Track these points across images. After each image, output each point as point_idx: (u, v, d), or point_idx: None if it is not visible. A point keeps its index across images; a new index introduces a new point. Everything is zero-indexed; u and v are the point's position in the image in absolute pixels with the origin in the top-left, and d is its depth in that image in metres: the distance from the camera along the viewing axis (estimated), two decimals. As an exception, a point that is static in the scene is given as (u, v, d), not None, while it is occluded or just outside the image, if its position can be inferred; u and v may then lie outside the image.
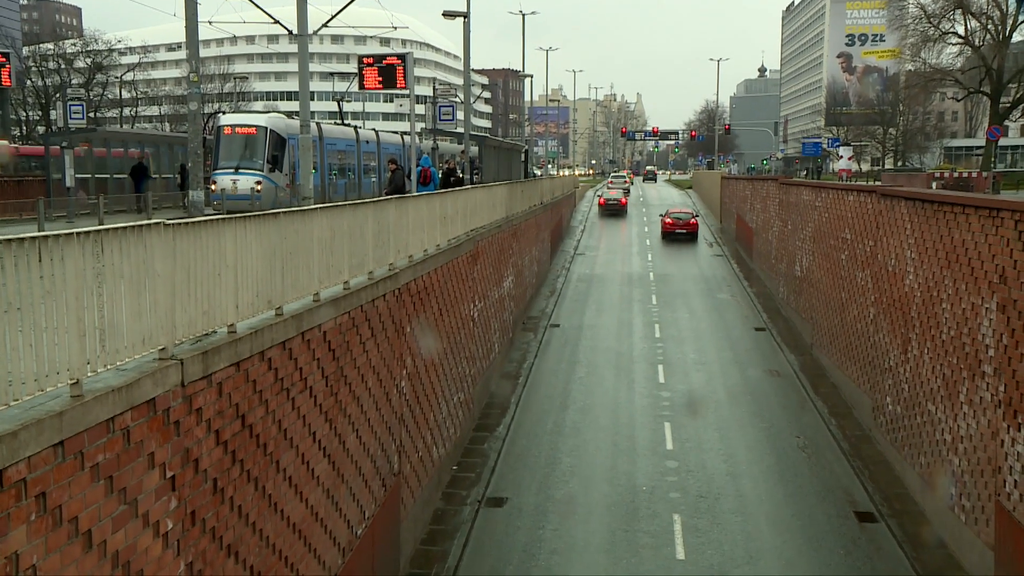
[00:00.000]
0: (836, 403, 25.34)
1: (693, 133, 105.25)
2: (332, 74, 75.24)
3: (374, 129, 46.11)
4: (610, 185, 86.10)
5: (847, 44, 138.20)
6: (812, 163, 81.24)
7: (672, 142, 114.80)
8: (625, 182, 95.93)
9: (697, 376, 28.90)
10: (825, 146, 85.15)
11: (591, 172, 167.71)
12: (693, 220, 59.07)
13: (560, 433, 23.64)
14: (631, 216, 71.98)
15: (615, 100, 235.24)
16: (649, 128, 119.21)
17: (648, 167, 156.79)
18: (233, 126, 31.36)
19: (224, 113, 39.89)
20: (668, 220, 58.85)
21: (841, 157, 65.09)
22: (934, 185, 42.22)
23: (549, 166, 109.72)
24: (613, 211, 72.75)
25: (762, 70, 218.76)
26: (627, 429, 23.95)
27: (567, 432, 23.72)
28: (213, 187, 29.34)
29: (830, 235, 28.16)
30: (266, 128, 30.73)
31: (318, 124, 35.67)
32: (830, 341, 27.73)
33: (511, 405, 25.65)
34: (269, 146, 30.39)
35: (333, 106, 51.13)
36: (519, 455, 22.04)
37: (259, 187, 29.52)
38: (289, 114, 36.24)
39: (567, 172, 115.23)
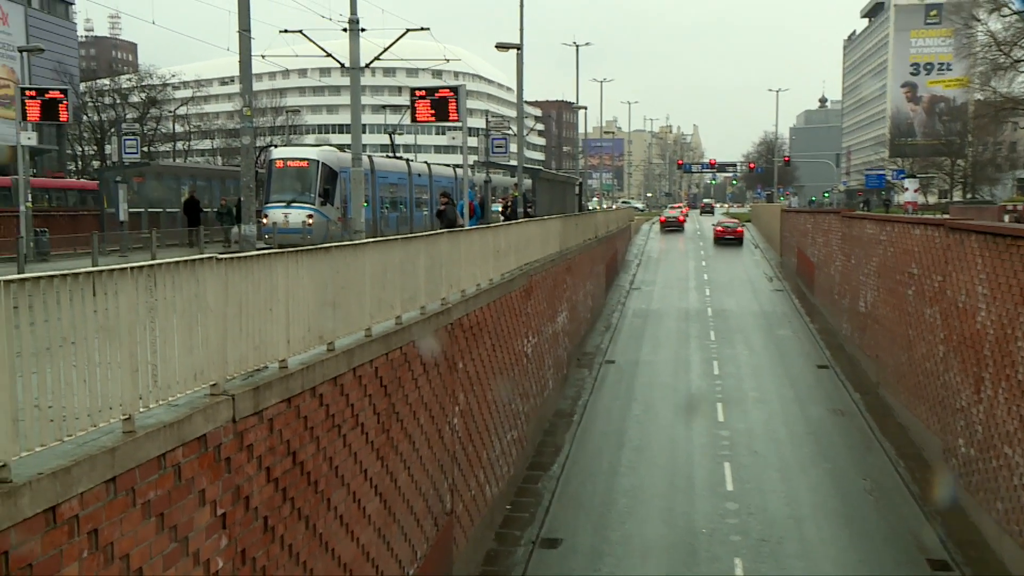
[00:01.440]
0: (904, 444, 24.81)
1: (752, 165, 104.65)
2: (384, 107, 76.20)
3: (426, 162, 46.51)
4: (668, 213, 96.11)
5: (912, 73, 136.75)
6: (876, 195, 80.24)
7: (730, 174, 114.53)
8: (680, 218, 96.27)
9: (757, 414, 28.52)
10: (889, 178, 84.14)
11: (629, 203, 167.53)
12: (739, 229, 75.40)
13: (616, 472, 23.43)
14: (688, 250, 71.68)
15: (671, 131, 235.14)
16: (706, 160, 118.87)
17: (705, 200, 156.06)
18: (285, 159, 31.84)
19: (276, 147, 40.59)
20: (719, 228, 75.86)
21: (907, 189, 64.23)
22: (1006, 218, 41.47)
23: (610, 201, 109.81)
24: (672, 227, 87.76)
25: (823, 100, 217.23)
26: (685, 468, 23.67)
27: (623, 471, 23.50)
28: (264, 221, 29.75)
29: (896, 270, 27.74)
30: (318, 161, 31.15)
31: (370, 157, 36.09)
32: (897, 380, 27.22)
33: (565, 443, 25.49)
34: (321, 179, 30.78)
35: (385, 139, 51.74)
36: (574, 494, 21.87)
37: (311, 221, 29.88)
38: (341, 147, 36.72)
39: (621, 205, 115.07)
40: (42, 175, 53.74)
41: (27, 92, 27.49)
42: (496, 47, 33.08)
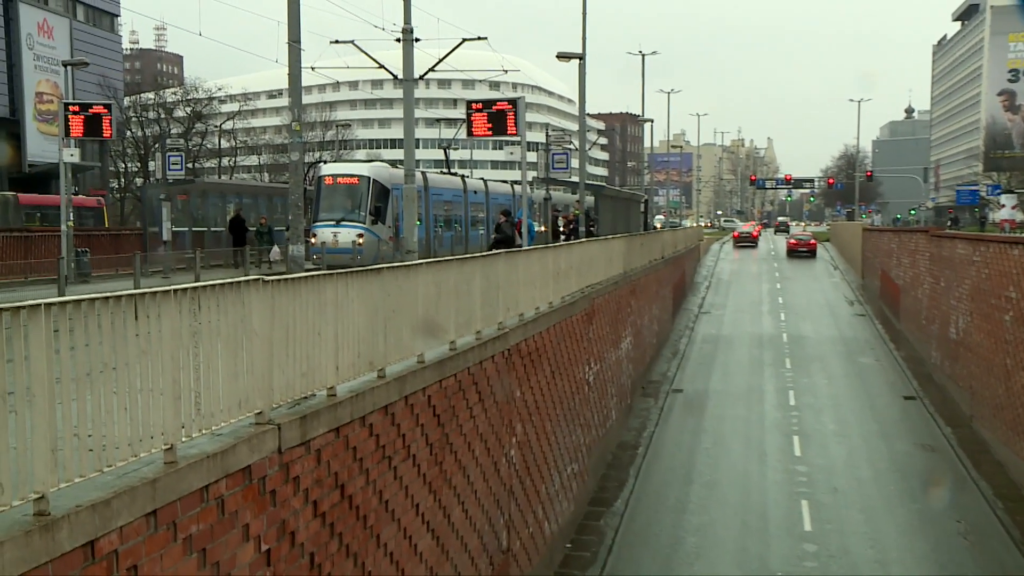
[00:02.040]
0: (1002, 483, 24.21)
1: (831, 181, 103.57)
2: (438, 120, 76.76)
3: (482, 178, 46.72)
4: (742, 229, 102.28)
5: (1010, 80, 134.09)
6: (968, 212, 78.88)
7: (807, 191, 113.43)
8: (754, 233, 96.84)
9: (837, 449, 28.09)
10: (984, 194, 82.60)
11: (716, 223, 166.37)
12: (812, 241, 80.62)
13: (684, 510, 23.20)
14: (761, 272, 71.08)
15: (743, 145, 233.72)
16: (781, 175, 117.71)
17: (780, 218, 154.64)
18: (334, 176, 32.16)
19: (325, 162, 41.05)
20: (791, 241, 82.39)
21: (1003, 206, 62.98)
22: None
23: (700, 219, 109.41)
24: (746, 243, 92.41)
25: (909, 111, 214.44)
26: (759, 507, 23.37)
27: (692, 509, 23.27)
28: (313, 240, 30.06)
29: (991, 293, 27.19)
30: (369, 178, 31.43)
31: (423, 173, 36.35)
32: (993, 413, 26.62)
33: (630, 478, 25.32)
34: (372, 197, 31.03)
35: (439, 154, 52.14)
36: (638, 533, 21.69)
37: (361, 240, 30.13)
38: (393, 163, 37.04)
39: (691, 223, 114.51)
40: (84, 193, 54.96)
41: (70, 107, 28.14)
42: (557, 57, 33.15)
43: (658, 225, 73.65)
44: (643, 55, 68.12)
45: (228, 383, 7.25)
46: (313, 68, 31.53)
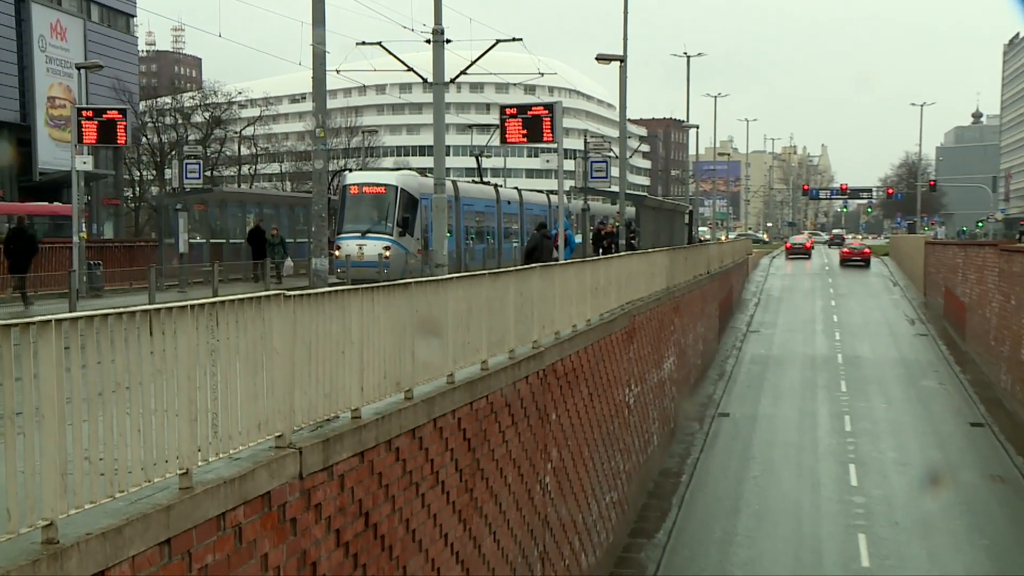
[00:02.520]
0: (1078, 518, 23.92)
1: (890, 191, 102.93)
2: (470, 126, 77.02)
3: (516, 187, 46.81)
4: (794, 241, 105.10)
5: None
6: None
7: (864, 201, 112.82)
8: (807, 244, 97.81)
9: (898, 479, 27.84)
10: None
11: (766, 236, 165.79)
12: (866, 250, 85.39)
13: (731, 543, 23.07)
14: (815, 287, 70.70)
15: (795, 152, 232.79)
16: (836, 185, 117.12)
17: (835, 230, 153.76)
18: (360, 185, 32.35)
19: (350, 171, 41.29)
20: (845, 250, 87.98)
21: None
22: None
23: (726, 232, 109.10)
24: (798, 254, 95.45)
25: (977, 115, 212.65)
26: (812, 541, 23.20)
27: (739, 541, 23.13)
28: (337, 253, 30.20)
29: (1063, 311, 26.87)
30: (396, 187, 31.57)
31: (453, 182, 36.48)
32: (1065, 440, 26.27)
33: (672, 507, 25.21)
34: (399, 207, 31.17)
35: (471, 161, 52.31)
36: (682, 567, 21.57)
37: (388, 253, 30.25)
38: (421, 171, 37.23)
39: (737, 236, 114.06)
40: (98, 202, 55.58)
41: (84, 112, 28.48)
42: (597, 59, 33.23)
43: (705, 237, 73.60)
44: (688, 57, 68.23)
45: (247, 404, 7.29)
46: (338, 71, 31.79)
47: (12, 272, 24.68)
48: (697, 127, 70.51)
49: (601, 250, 33.51)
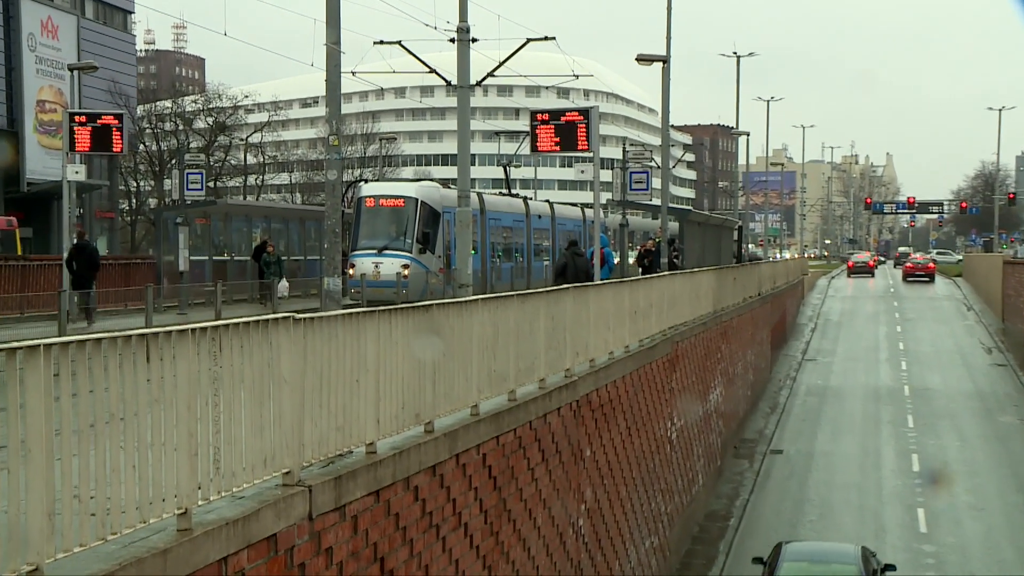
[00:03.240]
0: None
1: (964, 204, 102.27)
2: (497, 133, 77.12)
3: (547, 200, 46.81)
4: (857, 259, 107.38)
5: None
6: None
7: (934, 215, 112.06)
8: (870, 263, 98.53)
9: (973, 527, 27.62)
10: None
11: (826, 254, 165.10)
12: (930, 265, 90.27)
13: (785, 595, 22.83)
14: (878, 311, 70.32)
15: (856, 162, 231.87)
16: (902, 198, 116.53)
17: (901, 248, 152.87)
18: (376, 196, 32.41)
19: (366, 181, 41.27)
20: (908, 264, 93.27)
21: None
22: None
23: (778, 250, 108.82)
24: (861, 272, 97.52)
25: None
26: (875, 593, 22.94)
27: (794, 594, 22.89)
28: (351, 272, 30.27)
29: None
30: (416, 199, 31.61)
31: (479, 194, 36.56)
32: None
33: (719, 554, 25.07)
34: (419, 221, 31.20)
35: (498, 172, 52.32)
36: (730, 622, 21.41)
37: (407, 272, 30.27)
38: (444, 182, 37.30)
39: (792, 255, 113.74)
40: (91, 215, 55.97)
41: (76, 117, 28.72)
42: (637, 60, 33.28)
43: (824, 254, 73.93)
44: (738, 56, 68.07)
45: (252, 437, 7.31)
46: (354, 73, 31.96)
47: (75, 288, 26.29)
48: (748, 134, 70.23)
49: (641, 269, 33.47)
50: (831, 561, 21.30)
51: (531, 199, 45.42)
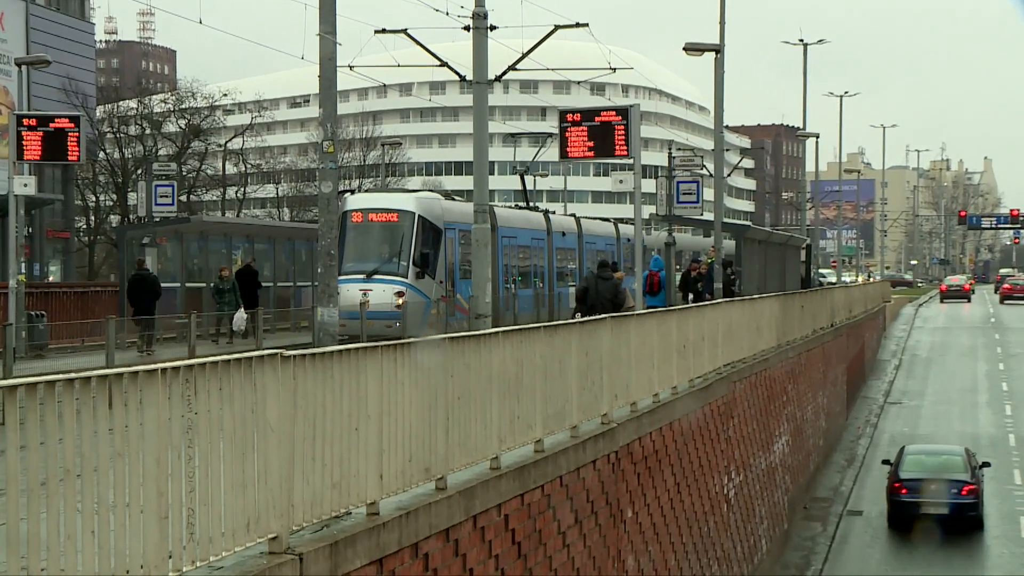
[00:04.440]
0: None
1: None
2: (513, 135, 76.77)
3: (573, 215, 46.66)
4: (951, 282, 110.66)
5: None
6: None
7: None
8: (965, 286, 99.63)
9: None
10: None
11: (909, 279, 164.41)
12: None
13: None
14: (976, 345, 69.97)
15: (947, 168, 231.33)
16: (1004, 210, 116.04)
17: (1003, 271, 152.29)
18: (365, 211, 31.99)
19: (353, 192, 40.36)
20: (1006, 286, 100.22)
21: None
22: None
23: (856, 272, 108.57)
24: (955, 296, 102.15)
25: None
26: None
27: None
28: None
29: None
30: (413, 213, 31.05)
31: (490, 207, 36.22)
32: None
33: (787, 636, 24.94)
34: (417, 240, 30.59)
35: (518, 182, 51.91)
36: None
37: (401, 301, 29.65)
38: (447, 193, 36.98)
39: (870, 278, 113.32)
40: (42, 235, 56.24)
41: (25, 121, 28.83)
42: (685, 50, 33.31)
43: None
44: (805, 44, 68.19)
45: (233, 496, 7.31)
46: (352, 67, 31.99)
47: (137, 315, 29.19)
48: (817, 136, 70.13)
49: (691, 295, 33.40)
50: (942, 454, 35.42)
51: (554, 213, 45.29)
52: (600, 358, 14.90)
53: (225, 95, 77.13)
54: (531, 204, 43.43)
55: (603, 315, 17.32)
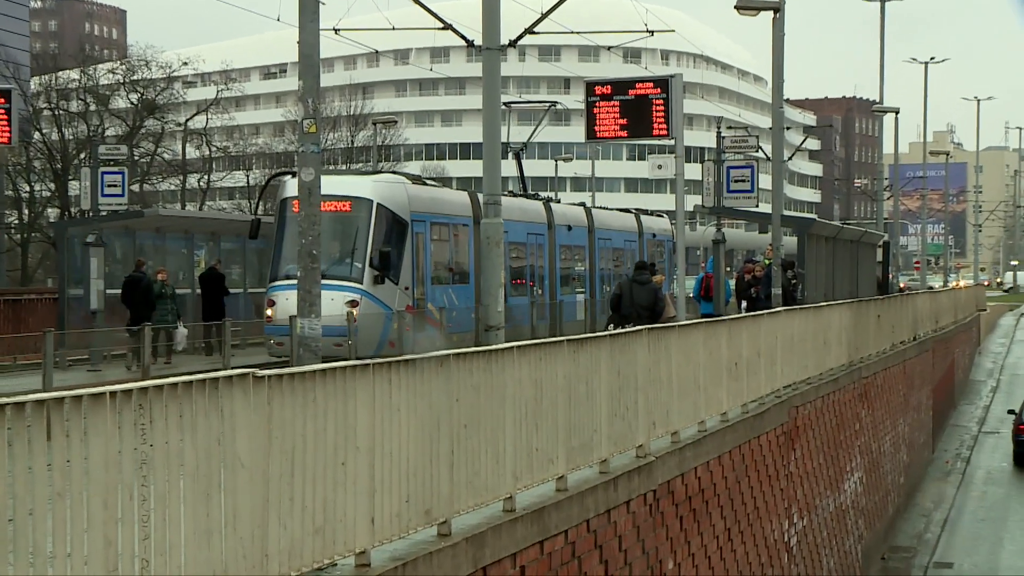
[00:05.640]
0: None
1: None
2: (508, 104, 76.13)
3: (583, 204, 46.05)
4: None
5: None
6: None
7: None
8: None
9: None
10: None
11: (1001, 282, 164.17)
12: None
13: None
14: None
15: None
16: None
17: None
18: None
19: (292, 175, 38.44)
20: None
21: None
22: None
23: (946, 274, 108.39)
24: None
25: None
26: None
27: None
28: (269, 313, 29.27)
29: None
30: (370, 202, 29.80)
31: (470, 194, 35.45)
32: None
33: None
34: (375, 235, 29.43)
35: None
36: None
37: (355, 311, 28.59)
38: (416, 177, 35.57)
39: (961, 282, 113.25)
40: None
41: (-53, 96, 28.97)
42: (737, 9, 33.21)
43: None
44: (882, 0, 67.92)
45: (195, 546, 7.34)
46: (337, 31, 31.94)
47: (131, 324, 30.26)
48: (897, 111, 69.82)
49: (744, 303, 33.39)
50: None
51: (558, 201, 44.56)
52: (635, 378, 14.90)
53: (185, 64, 77.32)
54: (528, 191, 42.21)
55: (639, 327, 17.35)
